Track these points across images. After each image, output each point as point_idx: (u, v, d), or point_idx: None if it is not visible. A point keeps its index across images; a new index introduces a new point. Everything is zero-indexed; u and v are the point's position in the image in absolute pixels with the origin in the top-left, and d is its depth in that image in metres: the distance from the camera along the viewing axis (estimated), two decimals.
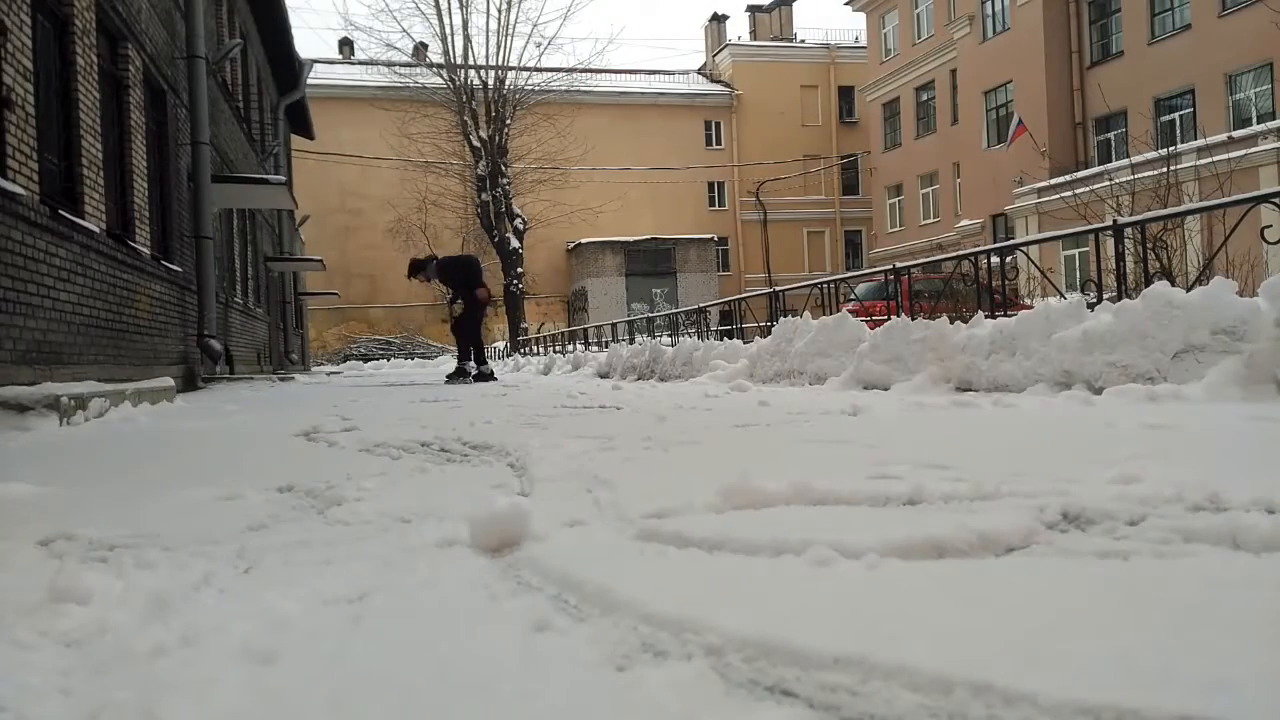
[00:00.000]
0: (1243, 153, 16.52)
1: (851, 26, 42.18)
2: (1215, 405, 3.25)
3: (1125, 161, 14.60)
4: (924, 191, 35.37)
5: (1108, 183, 11.07)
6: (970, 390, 4.83)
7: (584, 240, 36.40)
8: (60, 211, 5.98)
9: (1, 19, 5.13)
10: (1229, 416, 2.88)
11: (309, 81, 20.18)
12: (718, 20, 43.95)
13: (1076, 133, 27.06)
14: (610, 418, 3.89)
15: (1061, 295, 6.11)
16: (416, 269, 10.82)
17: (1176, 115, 24.04)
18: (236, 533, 1.69)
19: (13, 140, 5.29)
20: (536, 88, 30.40)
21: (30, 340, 5.40)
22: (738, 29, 47.49)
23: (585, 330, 21.88)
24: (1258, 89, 22.28)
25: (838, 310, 8.16)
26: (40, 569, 1.35)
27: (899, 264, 8.22)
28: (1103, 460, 1.98)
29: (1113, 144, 25.42)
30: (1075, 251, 20.12)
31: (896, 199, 37.01)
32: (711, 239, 37.85)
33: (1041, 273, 8.47)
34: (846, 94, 41.96)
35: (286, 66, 18.64)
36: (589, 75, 33.38)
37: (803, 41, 43.61)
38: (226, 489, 2.10)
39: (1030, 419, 3.23)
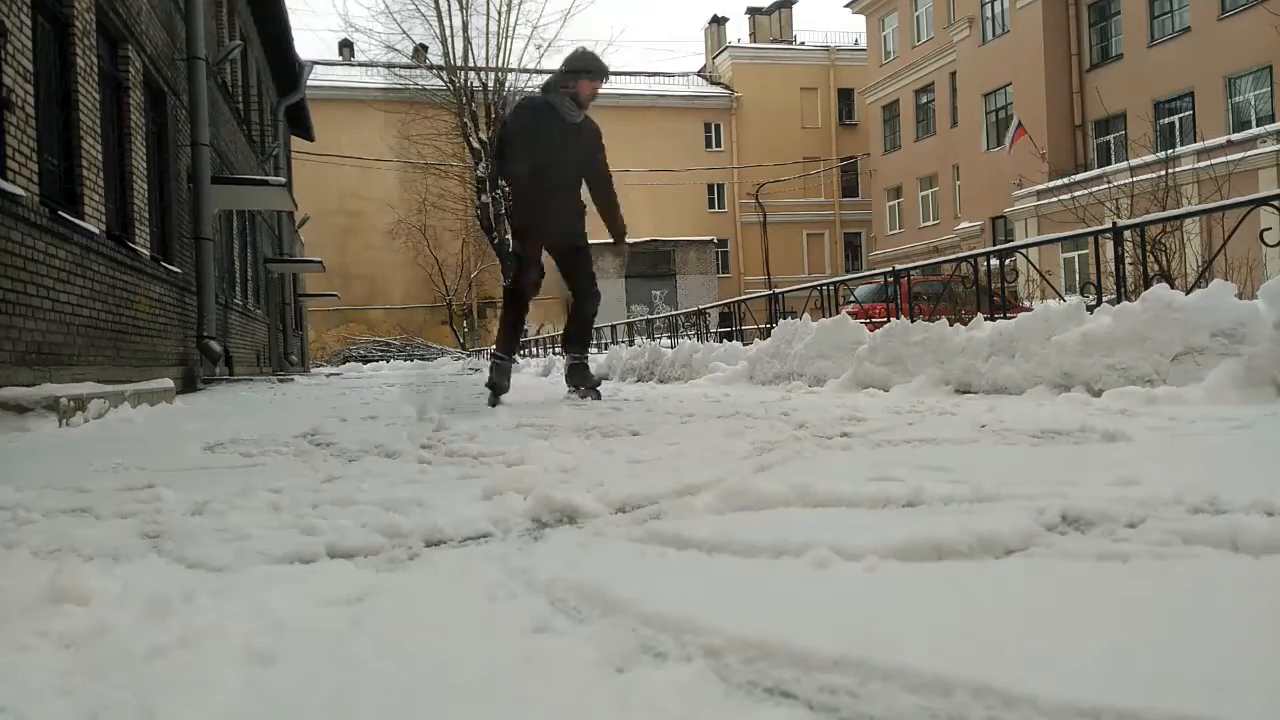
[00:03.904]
0: (1241, 155, 16.53)
1: (851, 29, 42.30)
2: (1214, 407, 3.25)
3: (1124, 164, 14.62)
4: (923, 194, 35.40)
5: (1107, 185, 11.07)
6: (970, 392, 4.83)
7: None
8: (60, 213, 5.98)
9: (2, 20, 5.13)
10: (1228, 419, 2.88)
11: (309, 83, 20.20)
12: (717, 22, 43.99)
13: (1076, 135, 27.09)
14: (609, 419, 3.89)
15: (1061, 298, 6.11)
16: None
17: (1176, 118, 24.07)
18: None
19: (13, 141, 5.29)
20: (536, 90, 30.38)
21: (30, 341, 5.40)
22: (737, 31, 47.52)
23: None
24: (1257, 92, 22.30)
25: (837, 312, 8.16)
26: (39, 569, 1.35)
27: (899, 266, 8.22)
28: (1102, 463, 1.98)
29: (1112, 147, 25.45)
30: (1075, 254, 20.13)
31: (896, 201, 37.03)
32: (711, 241, 37.81)
33: (1041, 275, 8.47)
34: (846, 96, 42.01)
35: (286, 68, 18.65)
36: None
37: (802, 44, 43.66)
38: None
39: (1029, 420, 3.23)
